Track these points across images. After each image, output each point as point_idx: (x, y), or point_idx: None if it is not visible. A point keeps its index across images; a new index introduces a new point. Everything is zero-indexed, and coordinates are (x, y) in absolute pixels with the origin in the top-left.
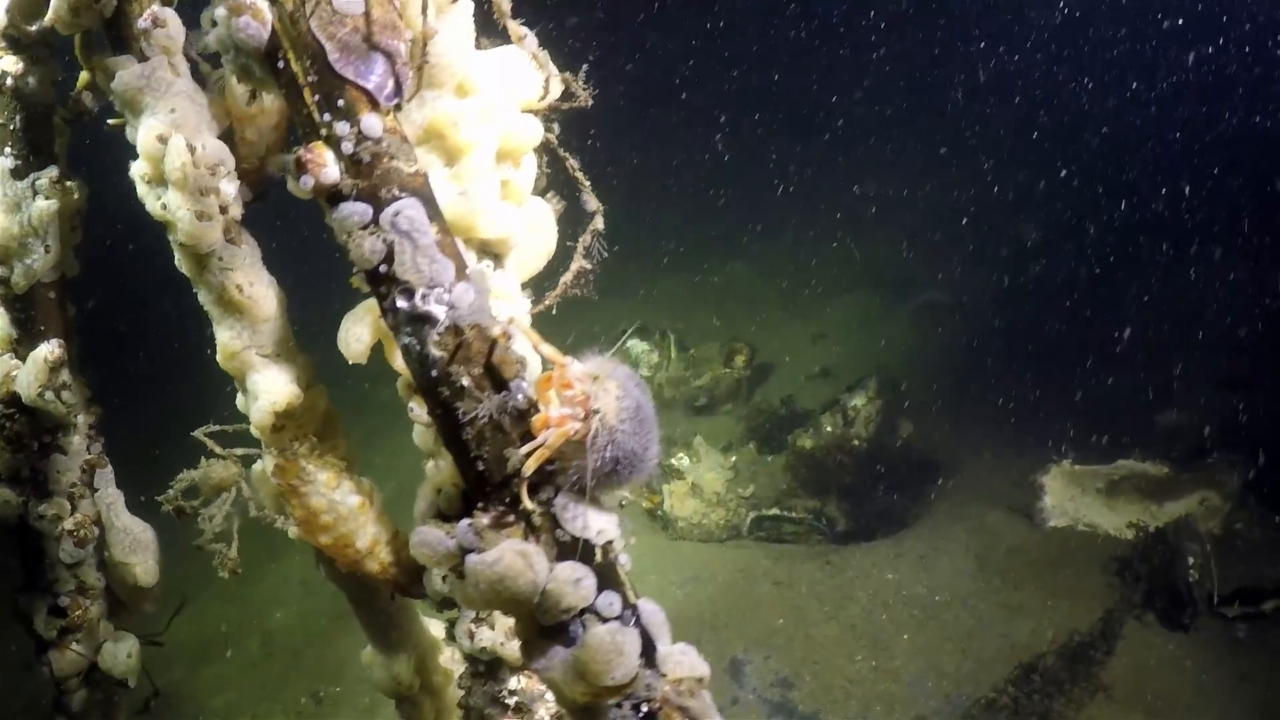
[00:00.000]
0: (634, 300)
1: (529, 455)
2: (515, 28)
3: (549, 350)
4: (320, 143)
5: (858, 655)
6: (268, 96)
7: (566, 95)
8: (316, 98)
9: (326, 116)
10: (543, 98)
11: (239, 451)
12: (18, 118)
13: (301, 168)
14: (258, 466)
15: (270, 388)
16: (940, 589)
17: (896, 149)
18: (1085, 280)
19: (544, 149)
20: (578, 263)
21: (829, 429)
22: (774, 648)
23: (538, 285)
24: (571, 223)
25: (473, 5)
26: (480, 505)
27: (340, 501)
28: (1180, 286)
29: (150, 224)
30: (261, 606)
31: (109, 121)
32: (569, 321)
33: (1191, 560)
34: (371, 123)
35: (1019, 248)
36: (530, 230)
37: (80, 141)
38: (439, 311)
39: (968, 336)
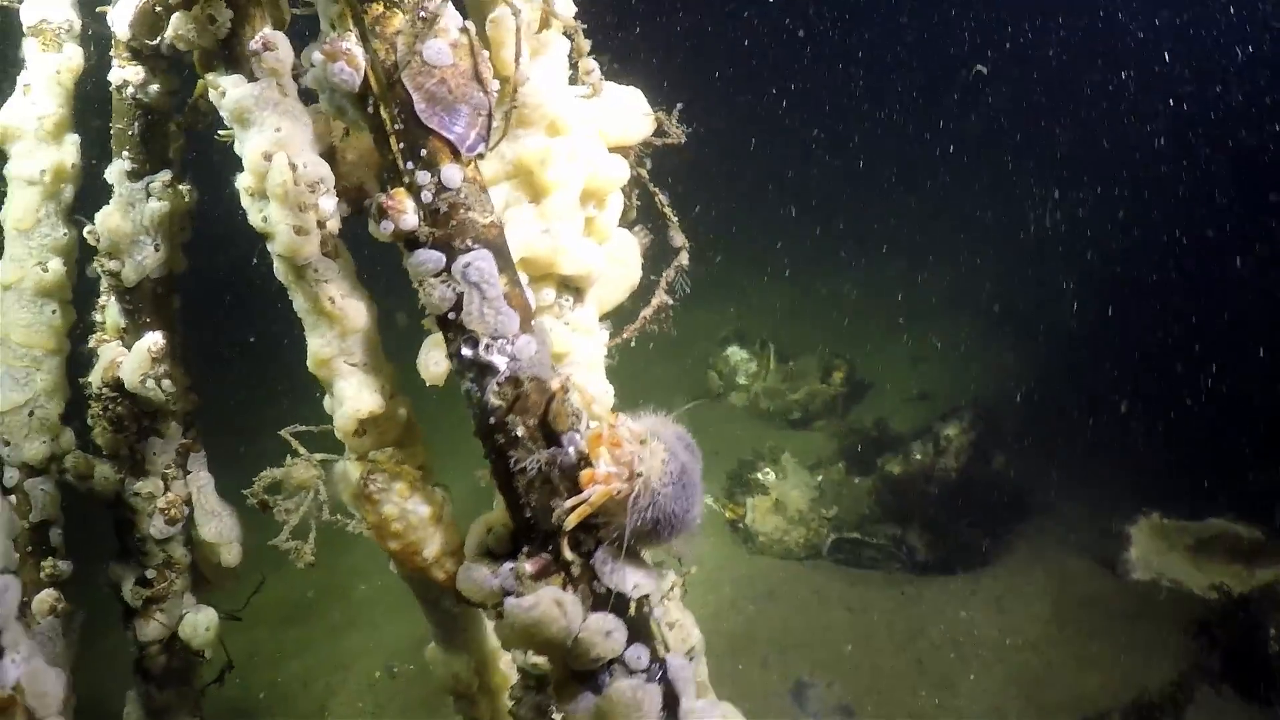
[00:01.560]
0: (736, 306)
1: (573, 509)
2: (586, 63)
3: (600, 411)
4: (402, 189)
5: (922, 690)
6: None
7: (660, 132)
8: (401, 146)
9: (409, 165)
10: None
11: (318, 457)
12: (136, 124)
13: (383, 213)
14: (339, 467)
15: (355, 396)
16: (1012, 632)
17: (1016, 174)
18: (1197, 326)
19: (635, 182)
20: (659, 298)
21: (919, 456)
22: (840, 674)
23: (619, 318)
24: (658, 257)
25: (568, 45)
26: (525, 549)
27: (412, 511)
28: None
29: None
30: (348, 577)
31: (219, 133)
32: (670, 314)
33: (1274, 632)
34: (451, 174)
35: (1134, 284)
36: (614, 264)
37: (194, 147)
38: (500, 362)
39: (1071, 372)
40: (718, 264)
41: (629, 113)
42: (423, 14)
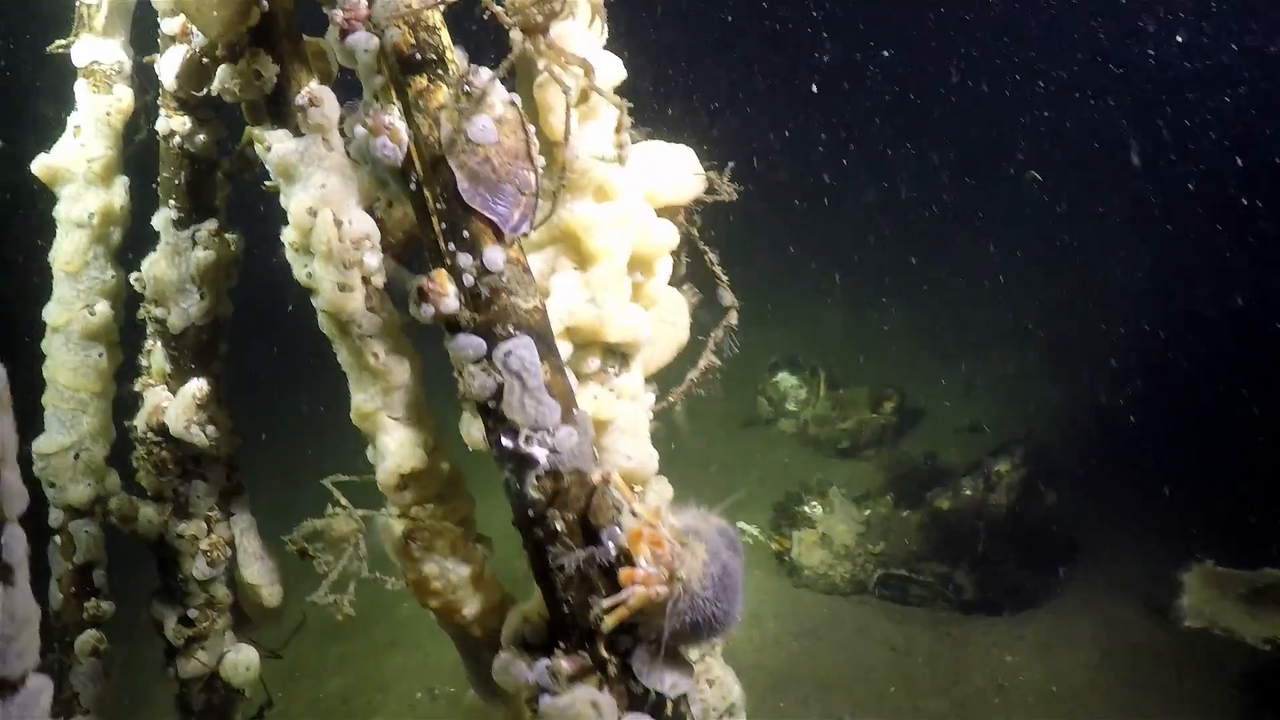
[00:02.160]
0: (787, 330)
1: (611, 610)
2: (620, 137)
3: (642, 509)
4: (443, 271)
5: None
6: None
7: (711, 190)
8: (443, 226)
9: (451, 246)
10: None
11: (360, 513)
12: (183, 173)
13: (423, 296)
14: (381, 519)
15: (397, 451)
16: (1058, 679)
17: (1078, 208)
18: (1260, 367)
19: (685, 240)
20: (706, 359)
21: (968, 492)
22: (881, 715)
23: (665, 376)
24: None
25: (616, 111)
26: (562, 645)
27: (452, 570)
28: None
29: None
30: (392, 595)
31: (266, 183)
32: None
33: None
34: (494, 256)
35: (1197, 322)
36: (661, 325)
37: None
38: (540, 455)
39: (1127, 410)
40: (770, 287)
41: (679, 172)
42: (467, 88)
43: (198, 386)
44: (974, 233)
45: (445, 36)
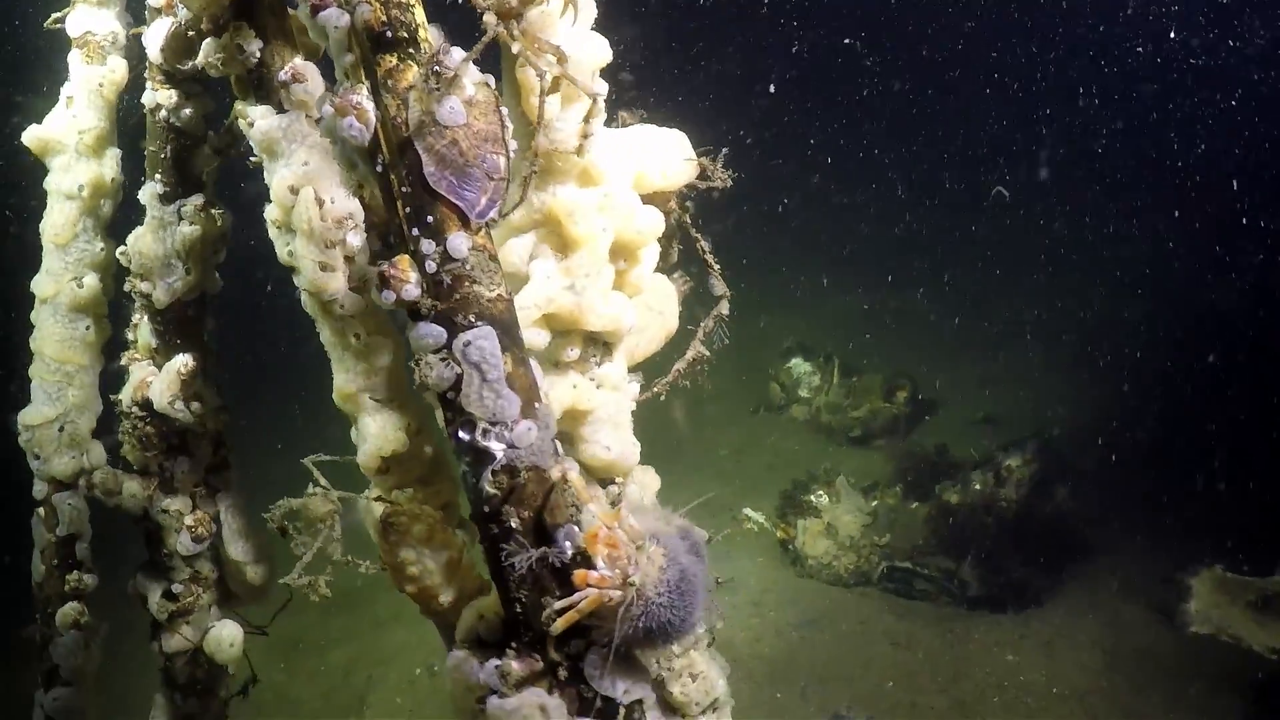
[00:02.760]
0: (803, 315)
1: (561, 612)
2: (586, 126)
3: (597, 509)
4: (406, 258)
5: None
6: None
7: (704, 177)
8: (408, 210)
9: (415, 231)
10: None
11: (337, 494)
12: (169, 147)
13: (384, 282)
14: (362, 500)
15: (379, 433)
16: (1060, 680)
17: (1097, 199)
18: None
19: (678, 225)
20: (694, 350)
21: (977, 486)
22: (879, 710)
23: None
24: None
25: (605, 87)
26: (514, 645)
27: (429, 556)
28: None
29: None
30: None
31: (252, 158)
32: (735, 328)
33: None
34: (458, 243)
35: (1219, 321)
36: (650, 313)
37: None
38: (497, 449)
39: (1146, 409)
40: (785, 270)
41: (670, 158)
42: (437, 69)
43: (183, 362)
44: (1000, 223)
45: (419, 14)
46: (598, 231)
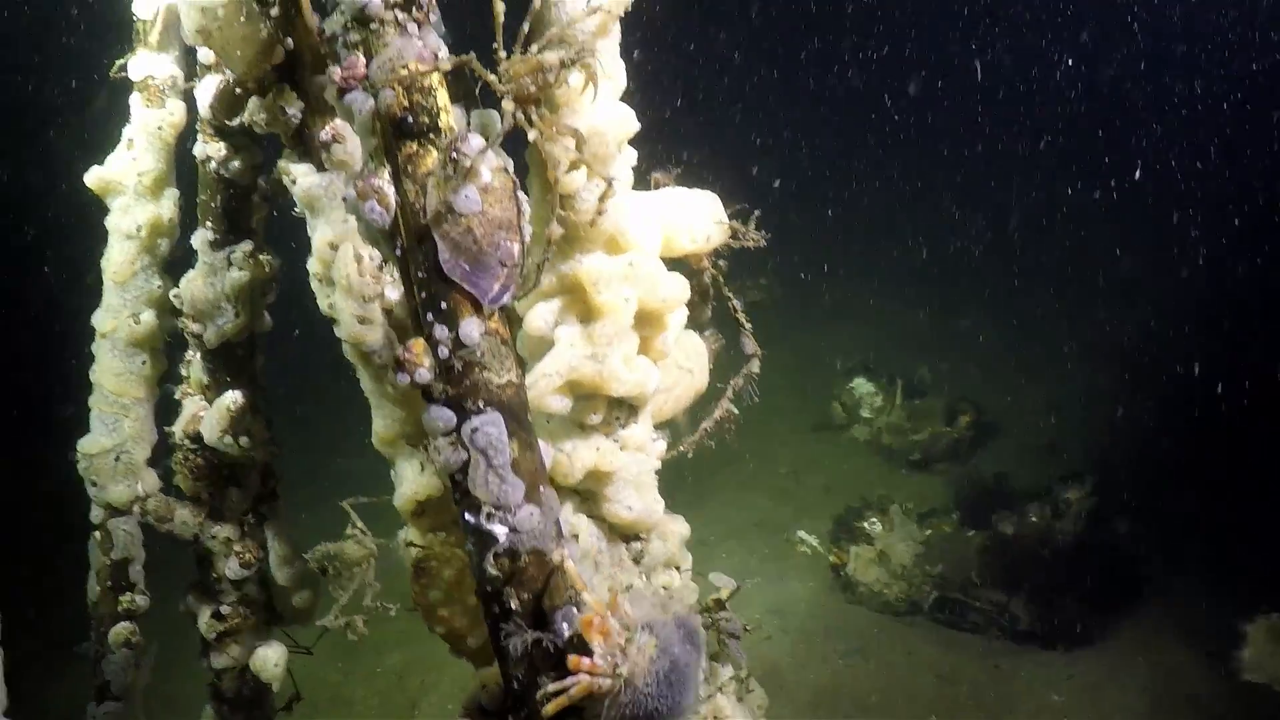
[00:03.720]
0: (868, 330)
1: (552, 696)
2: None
3: (591, 599)
4: (421, 341)
5: None
6: None
7: (736, 236)
8: (423, 295)
9: (429, 316)
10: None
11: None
12: (219, 196)
13: (400, 365)
14: (401, 535)
15: (414, 478)
16: None
17: (1175, 223)
18: None
19: (713, 283)
20: (722, 409)
21: (1034, 519)
22: None
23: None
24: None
25: (634, 155)
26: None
27: (459, 599)
28: None
29: None
30: None
31: (296, 210)
32: (797, 344)
33: None
34: (469, 330)
35: None
36: (679, 372)
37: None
38: (500, 532)
39: (1212, 445)
40: (851, 282)
41: (700, 221)
42: (455, 155)
43: (232, 399)
44: (1074, 242)
45: (442, 96)
46: (620, 301)
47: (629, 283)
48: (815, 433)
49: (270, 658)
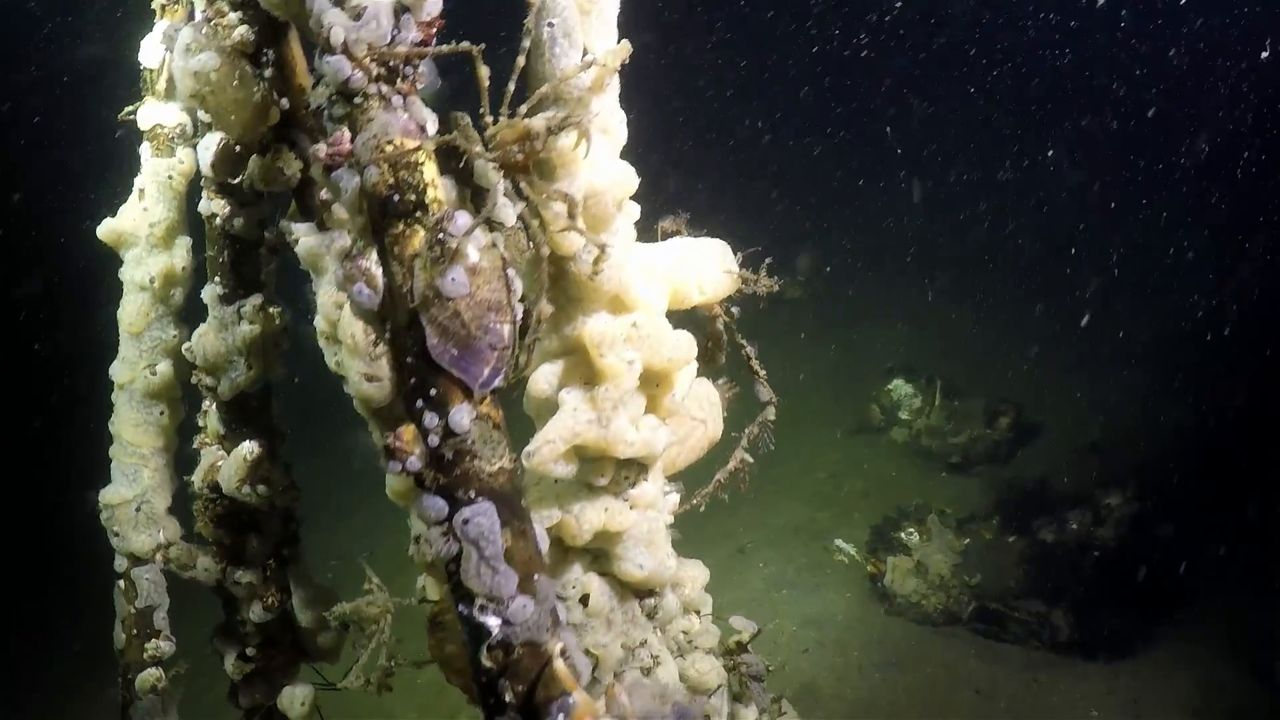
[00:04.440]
0: (908, 325)
1: None
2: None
3: (581, 698)
4: (411, 428)
5: None
6: None
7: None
8: (413, 381)
9: (419, 404)
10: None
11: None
12: (226, 252)
13: (390, 454)
14: (419, 582)
15: None
16: None
17: (1237, 219)
18: None
19: (727, 330)
20: (736, 460)
21: (1074, 526)
22: None
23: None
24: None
25: (637, 210)
26: None
27: None
28: None
29: None
30: None
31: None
32: (836, 343)
33: None
34: (459, 418)
35: None
36: (691, 422)
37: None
38: (493, 624)
39: (1264, 447)
40: (893, 276)
41: (708, 272)
42: (440, 236)
43: (249, 449)
44: (1118, 244)
45: (429, 171)
46: (624, 365)
47: (633, 345)
48: (853, 435)
49: (298, 696)
